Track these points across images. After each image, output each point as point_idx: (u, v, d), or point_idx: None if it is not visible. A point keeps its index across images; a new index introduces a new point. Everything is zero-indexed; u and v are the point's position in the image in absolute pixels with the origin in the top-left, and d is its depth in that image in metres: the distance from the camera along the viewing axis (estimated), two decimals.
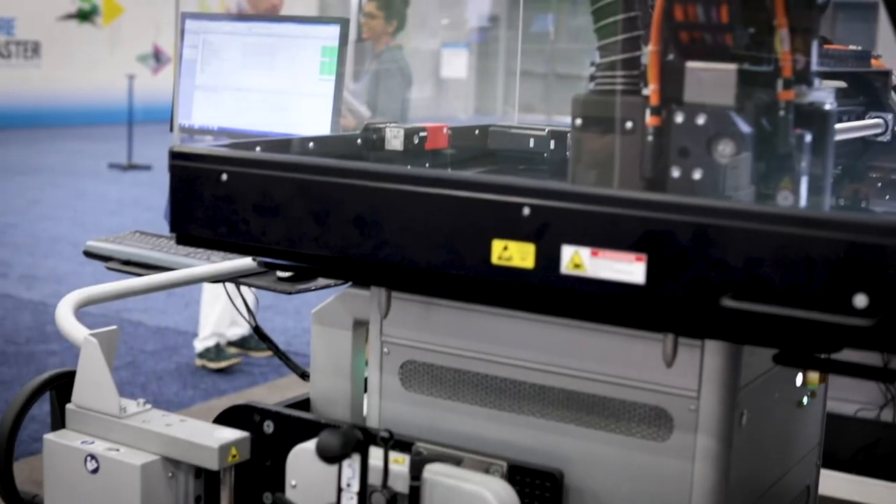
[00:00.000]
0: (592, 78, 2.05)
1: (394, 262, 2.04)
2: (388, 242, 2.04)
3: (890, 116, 2.42)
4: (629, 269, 1.83)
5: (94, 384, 2.36)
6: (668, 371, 2.01)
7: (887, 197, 2.48)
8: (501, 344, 2.17)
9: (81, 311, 2.60)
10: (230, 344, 7.52)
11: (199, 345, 7.32)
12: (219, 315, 7.23)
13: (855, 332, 1.70)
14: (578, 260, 1.87)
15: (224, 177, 2.20)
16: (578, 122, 2.02)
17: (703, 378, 2.00)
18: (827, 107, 2.01)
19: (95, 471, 2.30)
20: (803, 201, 1.97)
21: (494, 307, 2.16)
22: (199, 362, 7.31)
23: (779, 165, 1.95)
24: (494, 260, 1.94)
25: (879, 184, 2.45)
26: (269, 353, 6.04)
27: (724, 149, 1.88)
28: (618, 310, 1.95)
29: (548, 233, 1.89)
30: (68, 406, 2.41)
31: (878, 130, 2.39)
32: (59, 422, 2.45)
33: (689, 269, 1.79)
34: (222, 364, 7.23)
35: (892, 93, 2.45)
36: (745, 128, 1.89)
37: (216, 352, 7.28)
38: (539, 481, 2.09)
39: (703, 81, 1.91)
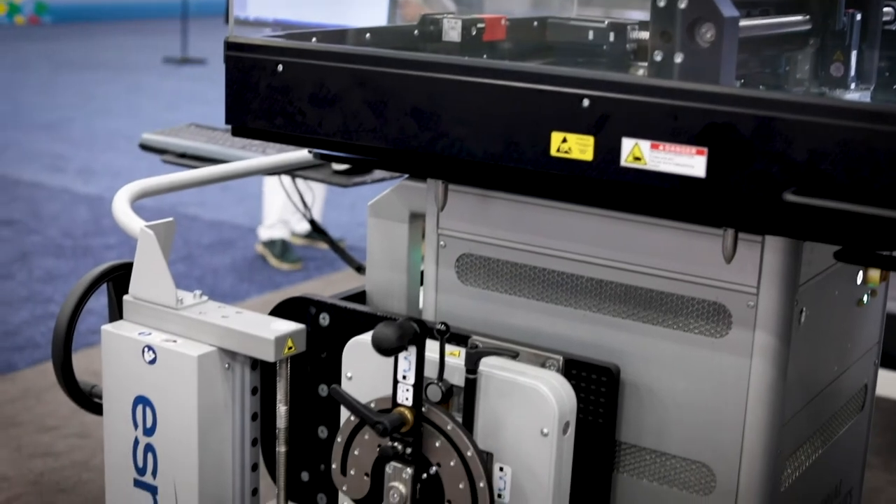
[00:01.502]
0: None
1: (451, 153, 2.03)
2: (445, 134, 2.02)
3: None
4: (690, 162, 1.81)
5: (150, 275, 2.37)
6: (728, 267, 1.99)
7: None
8: (559, 237, 2.16)
9: (138, 207, 2.61)
10: (297, 236, 7.63)
11: (265, 233, 7.39)
12: (283, 203, 7.26)
13: None
14: (638, 153, 1.84)
15: (280, 68, 2.19)
16: None
17: (763, 274, 1.98)
18: None
19: (153, 362, 2.32)
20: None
21: (552, 200, 2.14)
22: (260, 249, 7.38)
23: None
24: (553, 152, 1.92)
25: (887, 73, 2.43)
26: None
27: (706, 33, 1.86)
28: (678, 204, 1.93)
29: (608, 125, 1.87)
30: (125, 297, 2.42)
31: (887, 18, 2.37)
32: (116, 313, 2.47)
33: (751, 163, 1.76)
34: (284, 266, 7.28)
35: None
36: (728, 12, 1.86)
37: (282, 249, 7.35)
38: (595, 376, 2.09)
39: None
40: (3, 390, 5.33)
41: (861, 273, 2.33)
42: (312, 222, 4.05)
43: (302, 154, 3.03)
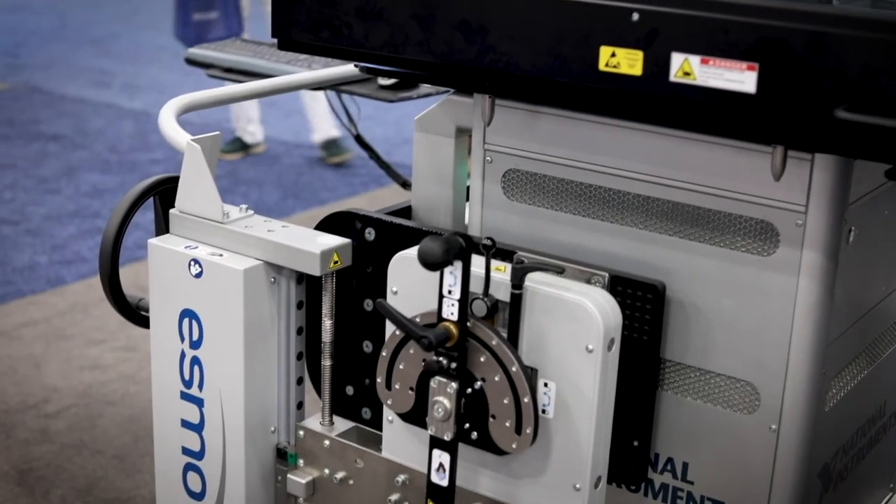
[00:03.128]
0: None
1: (499, 68, 2.01)
2: (493, 48, 2.00)
3: None
4: (740, 77, 1.79)
5: (197, 189, 2.37)
6: (776, 184, 1.97)
7: None
8: (606, 153, 2.14)
9: (184, 123, 2.61)
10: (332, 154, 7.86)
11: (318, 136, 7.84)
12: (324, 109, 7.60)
13: None
14: (688, 68, 1.82)
15: None
16: None
17: (812, 192, 1.96)
18: None
19: (199, 275, 2.33)
20: None
21: (600, 116, 2.12)
22: (321, 153, 7.83)
23: None
24: (601, 67, 1.90)
25: None
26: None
27: None
28: (727, 120, 1.91)
29: (657, 39, 1.84)
30: (172, 211, 2.43)
31: None
32: (163, 227, 2.47)
33: (802, 79, 1.74)
34: (335, 159, 7.73)
35: None
36: None
37: (335, 146, 7.78)
38: (641, 293, 2.08)
39: None
40: (53, 304, 5.39)
41: None
42: (358, 137, 4.04)
43: (348, 68, 3.02)
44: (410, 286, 2.12)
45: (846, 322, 2.13)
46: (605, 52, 1.89)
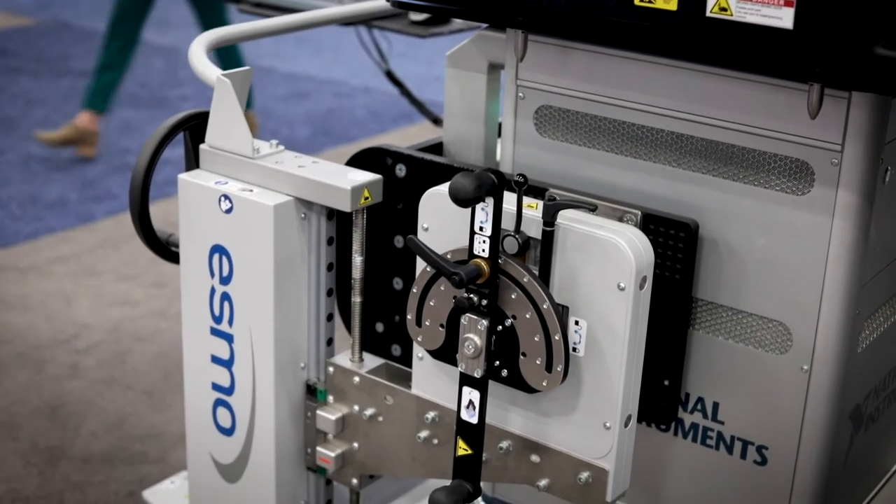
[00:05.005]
0: None
1: (532, 2, 1.99)
2: None
3: None
4: (777, 13, 1.76)
5: (227, 124, 2.36)
6: (812, 123, 1.94)
7: None
8: (640, 90, 2.12)
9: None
10: None
11: None
12: None
13: None
14: (724, 3, 1.80)
15: None
16: None
17: (848, 131, 1.94)
18: None
19: (229, 211, 2.32)
20: None
21: (634, 52, 2.10)
22: None
23: None
24: (636, 1, 1.88)
25: None
26: None
27: None
28: (763, 57, 1.88)
29: None
30: (202, 146, 2.42)
31: None
32: (193, 162, 2.47)
33: (841, 15, 1.71)
34: None
35: None
36: None
37: None
38: (673, 231, 2.07)
39: None
40: (82, 240, 5.41)
41: None
42: (389, 73, 4.03)
43: (379, 3, 2.99)
44: (441, 223, 2.11)
45: (880, 263, 2.11)
46: None
